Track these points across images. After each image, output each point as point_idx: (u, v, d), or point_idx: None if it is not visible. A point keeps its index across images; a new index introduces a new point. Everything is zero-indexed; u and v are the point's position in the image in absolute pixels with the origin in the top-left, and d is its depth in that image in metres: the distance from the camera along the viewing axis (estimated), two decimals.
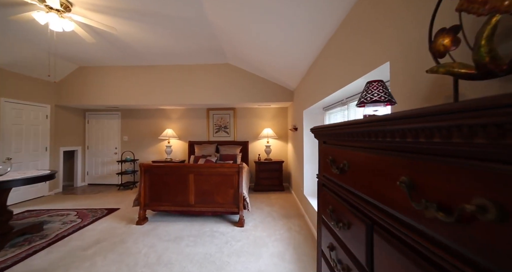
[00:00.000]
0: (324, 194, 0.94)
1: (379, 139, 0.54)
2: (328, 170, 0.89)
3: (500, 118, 0.27)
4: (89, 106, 5.06)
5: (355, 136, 0.64)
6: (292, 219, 3.33)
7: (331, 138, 0.85)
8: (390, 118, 0.47)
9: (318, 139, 1.03)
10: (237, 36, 3.03)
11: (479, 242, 0.32)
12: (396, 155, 0.50)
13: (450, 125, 0.34)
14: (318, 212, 1.04)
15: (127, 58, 4.31)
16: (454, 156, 0.36)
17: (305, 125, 3.56)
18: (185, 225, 3.08)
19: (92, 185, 5.64)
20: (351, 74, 1.71)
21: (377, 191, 0.58)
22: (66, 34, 3.26)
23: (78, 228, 2.91)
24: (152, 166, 3.13)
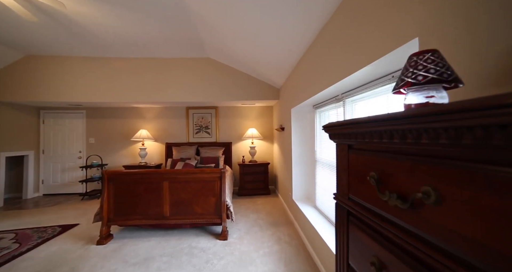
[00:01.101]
0: (355, 230, 0.62)
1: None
2: (366, 193, 0.58)
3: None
4: (43, 103, 4.33)
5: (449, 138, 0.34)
6: (280, 227, 3.04)
7: (371, 139, 0.54)
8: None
9: (337, 141, 0.71)
10: (219, 25, 2.67)
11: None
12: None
13: None
14: (340, 255, 0.71)
15: (89, 48, 3.73)
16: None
17: (293, 125, 3.29)
18: (158, 241, 2.64)
19: (48, 195, 4.85)
20: (352, 64, 1.45)
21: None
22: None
23: (10, 257, 2.24)
24: (118, 173, 2.65)
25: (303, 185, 3.27)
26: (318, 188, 2.81)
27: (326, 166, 2.53)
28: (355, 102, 1.93)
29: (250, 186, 4.64)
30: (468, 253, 0.33)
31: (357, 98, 1.88)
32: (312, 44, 2.25)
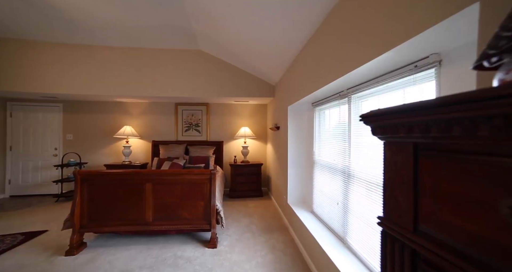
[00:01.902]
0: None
1: None
2: (471, 231, 0.35)
3: None
4: (9, 93, 3.86)
5: None
6: (275, 233, 2.83)
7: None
8: None
9: (389, 137, 0.48)
10: (212, 12, 2.42)
11: None
12: None
13: None
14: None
15: (65, 33, 3.35)
16: None
17: (289, 124, 3.10)
18: (139, 250, 2.35)
19: (17, 197, 4.37)
20: (364, 53, 1.26)
21: None
22: None
23: None
24: (93, 174, 2.33)
25: (299, 188, 3.08)
26: (315, 192, 2.62)
27: (325, 168, 2.34)
28: (362, 98, 1.75)
29: (242, 187, 4.41)
30: None
31: (365, 94, 1.70)
32: (315, 34, 2.06)
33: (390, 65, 1.26)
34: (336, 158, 2.11)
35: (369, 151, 1.62)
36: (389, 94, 1.45)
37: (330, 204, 2.17)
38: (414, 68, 1.12)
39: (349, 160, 1.81)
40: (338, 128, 2.13)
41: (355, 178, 1.73)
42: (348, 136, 1.85)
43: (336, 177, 2.06)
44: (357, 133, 1.76)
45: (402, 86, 1.31)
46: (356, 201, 1.70)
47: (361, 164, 1.70)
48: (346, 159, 1.87)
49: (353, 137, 1.80)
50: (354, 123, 1.80)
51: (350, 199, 1.78)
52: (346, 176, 1.85)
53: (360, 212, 1.64)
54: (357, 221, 1.69)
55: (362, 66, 1.31)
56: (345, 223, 1.84)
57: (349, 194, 1.80)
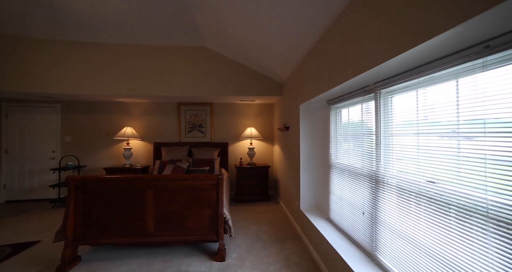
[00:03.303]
0: None
1: None
2: None
3: None
4: (4, 93, 3.66)
5: None
6: (287, 243, 2.59)
7: None
8: None
9: None
10: (216, 3, 2.20)
11: None
12: None
13: None
14: None
15: (62, 28, 3.15)
16: None
17: (302, 123, 2.86)
18: (139, 264, 2.12)
19: (12, 202, 4.17)
20: (404, 40, 1.02)
21: None
22: None
23: None
24: (88, 180, 2.11)
25: (312, 193, 2.84)
26: (333, 198, 2.38)
27: (345, 172, 2.10)
28: (394, 93, 1.51)
29: (249, 191, 4.17)
30: None
31: (398, 89, 1.46)
32: (333, 25, 1.82)
33: (438, 51, 1.03)
34: (359, 161, 1.87)
35: (403, 154, 1.38)
36: (432, 87, 1.21)
37: (352, 212, 1.93)
38: (484, 49, 0.88)
39: (378, 163, 1.57)
40: (361, 128, 1.89)
41: (387, 184, 1.49)
42: (376, 136, 1.61)
43: (360, 182, 1.82)
44: (388, 133, 1.53)
45: (455, 76, 1.06)
46: (389, 211, 1.46)
47: (393, 168, 1.46)
48: (373, 163, 1.63)
49: (382, 137, 1.56)
50: (384, 122, 1.57)
51: (380, 209, 1.54)
52: (374, 182, 1.61)
53: (395, 225, 1.40)
54: (390, 236, 1.44)
55: (401, 55, 1.08)
56: (374, 236, 1.59)
57: (379, 203, 1.56)
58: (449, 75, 1.09)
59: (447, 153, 1.07)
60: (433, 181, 1.11)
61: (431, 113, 1.20)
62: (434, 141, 1.15)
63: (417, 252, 1.22)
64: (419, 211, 1.21)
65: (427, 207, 1.16)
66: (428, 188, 1.15)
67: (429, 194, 1.13)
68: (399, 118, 1.46)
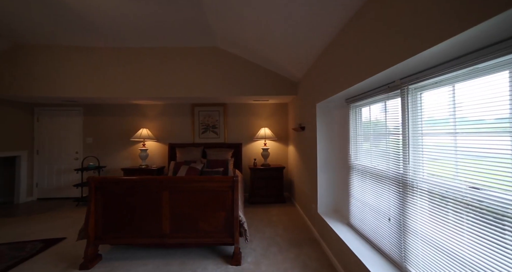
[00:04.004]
0: None
1: None
2: None
3: None
4: (36, 98, 3.93)
5: None
6: (304, 247, 2.49)
7: None
8: None
9: None
10: (232, 3, 2.16)
11: None
12: None
13: None
14: None
15: (82, 35, 3.28)
16: None
17: (318, 123, 2.75)
18: (157, 265, 2.13)
19: (43, 199, 4.46)
20: (441, 29, 0.90)
21: None
22: None
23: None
24: (107, 181, 2.17)
25: (330, 196, 2.72)
26: (353, 202, 2.25)
27: (367, 174, 1.97)
28: (424, 89, 1.37)
29: (263, 192, 4.11)
30: None
31: (429, 84, 1.32)
32: (352, 20, 1.71)
33: (487, 38, 0.90)
34: (382, 163, 1.74)
35: (435, 155, 1.25)
36: (474, 80, 1.07)
37: (376, 218, 1.80)
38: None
39: (406, 166, 1.44)
40: (384, 127, 1.76)
41: (416, 189, 1.36)
42: (403, 136, 1.48)
43: (384, 186, 1.69)
44: (417, 133, 1.39)
45: (508, 66, 0.92)
46: (420, 219, 1.33)
47: (424, 171, 1.33)
48: (400, 165, 1.50)
49: (411, 137, 1.43)
50: (412, 120, 1.43)
51: (410, 216, 1.41)
52: (401, 185, 1.48)
53: (429, 235, 1.26)
54: (423, 246, 1.31)
55: (437, 46, 0.96)
56: (403, 245, 1.46)
57: (407, 209, 1.43)
58: (499, 66, 0.95)
59: (497, 155, 0.93)
60: (477, 188, 0.98)
61: (472, 109, 1.06)
62: (478, 141, 1.02)
63: (459, 268, 1.09)
64: (460, 221, 1.07)
65: (471, 217, 1.02)
66: (471, 195, 1.01)
67: (473, 202, 1.00)
68: (430, 117, 1.32)
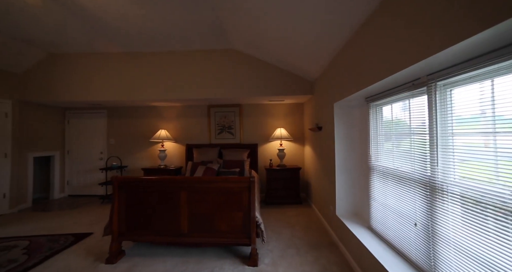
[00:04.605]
0: None
1: None
2: None
3: None
4: (67, 103, 4.23)
5: None
6: (323, 250, 2.42)
7: None
8: None
9: None
10: (247, 5, 2.16)
11: None
12: None
13: None
14: None
15: (105, 42, 3.47)
16: None
17: (336, 123, 2.67)
18: (175, 263, 2.19)
19: (73, 196, 4.79)
20: (485, 16, 0.82)
21: None
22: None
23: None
24: (129, 181, 2.26)
25: (349, 198, 2.62)
26: (374, 204, 2.15)
27: (389, 176, 1.87)
28: (454, 86, 1.27)
29: (279, 193, 4.08)
30: None
31: (461, 79, 1.22)
32: (375, 12, 1.63)
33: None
34: (406, 164, 1.64)
35: (469, 157, 1.15)
36: None
37: (400, 222, 1.70)
38: None
39: (434, 168, 1.34)
40: (408, 127, 1.66)
41: (447, 193, 1.26)
42: (430, 136, 1.39)
43: (409, 188, 1.59)
44: (446, 132, 1.29)
45: None
46: (452, 225, 1.23)
47: (455, 174, 1.23)
48: (427, 167, 1.41)
49: (440, 137, 1.33)
50: (441, 119, 1.33)
51: (439, 222, 1.31)
52: (429, 189, 1.39)
53: (464, 243, 1.16)
54: (456, 255, 1.21)
55: (475, 37, 0.88)
56: (432, 253, 1.37)
57: (437, 214, 1.33)
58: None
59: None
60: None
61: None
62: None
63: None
64: (503, 231, 0.97)
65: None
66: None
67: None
68: (462, 115, 1.22)
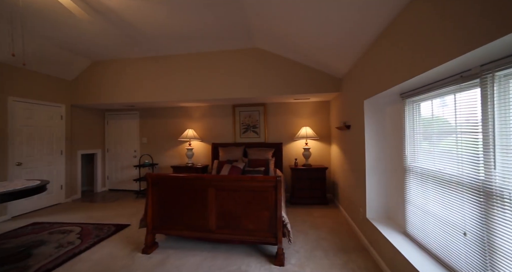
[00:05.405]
0: None
1: None
2: None
3: None
4: (105, 105, 4.65)
5: None
6: (352, 254, 2.32)
7: None
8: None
9: None
10: (272, 4, 2.15)
11: None
12: None
13: None
14: None
15: (138, 47, 3.72)
16: None
17: (367, 121, 2.52)
18: (204, 257, 2.28)
19: (112, 190, 5.26)
20: None
21: None
22: (64, 19, 2.72)
23: (72, 255, 2.30)
24: (161, 177, 2.40)
25: (381, 200, 2.47)
26: (410, 208, 1.99)
27: (429, 178, 1.71)
28: None
29: (304, 194, 4.00)
30: None
31: None
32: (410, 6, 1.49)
33: None
34: (452, 166, 1.49)
35: None
36: None
37: (444, 230, 1.55)
38: None
39: (490, 171, 1.19)
40: (453, 124, 1.50)
41: (509, 201, 1.10)
42: (485, 134, 1.23)
43: (455, 193, 1.44)
44: (507, 131, 1.14)
45: None
46: None
47: None
48: (480, 169, 1.25)
49: (498, 136, 1.17)
50: (500, 116, 1.18)
51: (498, 233, 1.15)
52: (483, 195, 1.23)
53: None
54: None
55: None
56: (489, 267, 1.20)
57: (493, 224, 1.17)
58: None
59: None
60: None
61: None
62: None
63: None
64: None
65: None
66: None
67: None
68: None
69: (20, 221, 3.35)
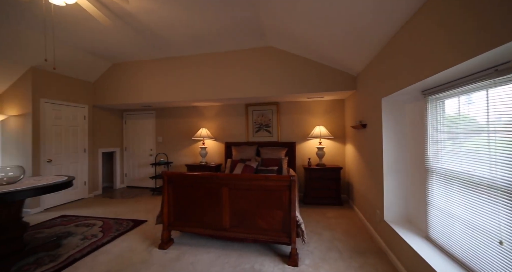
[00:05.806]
0: None
1: None
2: None
3: None
4: (123, 105, 4.84)
5: None
6: (369, 257, 2.25)
7: None
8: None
9: None
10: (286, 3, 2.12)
11: None
12: None
13: None
14: None
15: (154, 49, 3.83)
16: None
17: (384, 120, 2.43)
18: (218, 254, 2.31)
19: (130, 187, 5.47)
20: None
21: None
22: (89, 25, 2.85)
23: (96, 247, 2.44)
24: (176, 175, 2.46)
25: (400, 203, 2.37)
26: (433, 211, 1.89)
27: (454, 180, 1.62)
28: None
29: (318, 193, 3.93)
30: None
31: None
32: None
33: None
34: (482, 168, 1.39)
35: None
36: None
37: (474, 237, 1.45)
38: None
39: None
40: (485, 123, 1.40)
41: None
42: None
43: (489, 198, 1.34)
44: None
45: None
46: None
47: None
48: None
49: None
50: None
51: None
52: None
53: None
54: None
55: None
56: None
57: None
58: None
59: None
60: None
61: None
62: None
63: None
64: None
65: None
66: None
67: None
68: None
69: (50, 213, 3.61)
